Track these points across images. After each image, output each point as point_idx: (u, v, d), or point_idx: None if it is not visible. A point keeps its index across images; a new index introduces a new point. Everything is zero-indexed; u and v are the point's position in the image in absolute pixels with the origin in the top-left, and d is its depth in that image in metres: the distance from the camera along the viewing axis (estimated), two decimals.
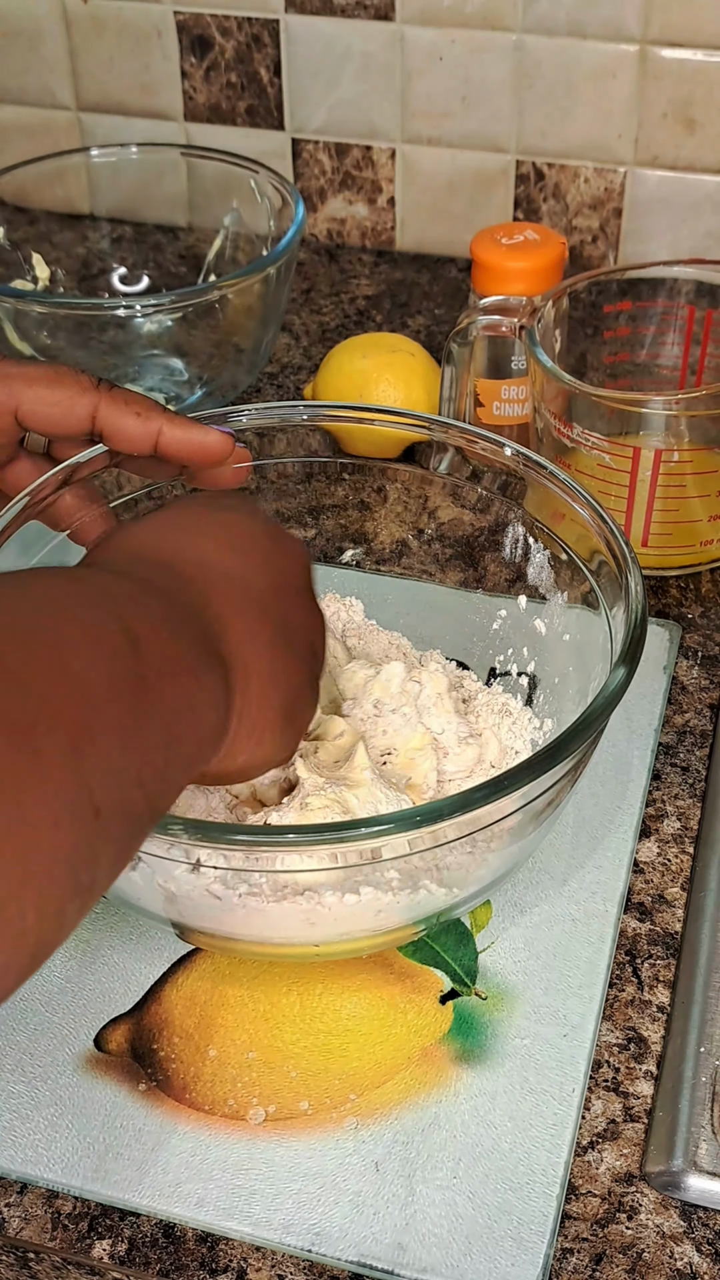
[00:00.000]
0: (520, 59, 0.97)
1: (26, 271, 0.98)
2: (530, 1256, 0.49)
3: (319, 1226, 0.50)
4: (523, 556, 0.65)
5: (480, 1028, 0.56)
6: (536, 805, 0.51)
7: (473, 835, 0.50)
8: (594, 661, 0.58)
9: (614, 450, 0.73)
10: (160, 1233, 0.51)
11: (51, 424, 0.57)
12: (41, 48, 1.08)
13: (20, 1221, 0.51)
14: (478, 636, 0.67)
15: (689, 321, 0.81)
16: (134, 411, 0.57)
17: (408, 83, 1.01)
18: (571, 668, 0.61)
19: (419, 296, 1.04)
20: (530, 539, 0.64)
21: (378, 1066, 0.55)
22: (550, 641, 0.63)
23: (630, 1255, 0.50)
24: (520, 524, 0.65)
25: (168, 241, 1.05)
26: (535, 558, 0.64)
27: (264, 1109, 0.54)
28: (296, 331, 1.00)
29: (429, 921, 0.55)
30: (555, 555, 0.63)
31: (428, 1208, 0.51)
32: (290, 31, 1.01)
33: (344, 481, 0.69)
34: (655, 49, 0.94)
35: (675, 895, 0.61)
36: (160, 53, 1.05)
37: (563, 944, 0.59)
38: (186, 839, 0.47)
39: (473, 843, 0.51)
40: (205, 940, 0.56)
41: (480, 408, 0.83)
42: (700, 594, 0.76)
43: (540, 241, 0.83)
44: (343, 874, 0.51)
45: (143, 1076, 0.55)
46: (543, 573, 0.64)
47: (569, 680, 0.61)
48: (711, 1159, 0.51)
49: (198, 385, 0.92)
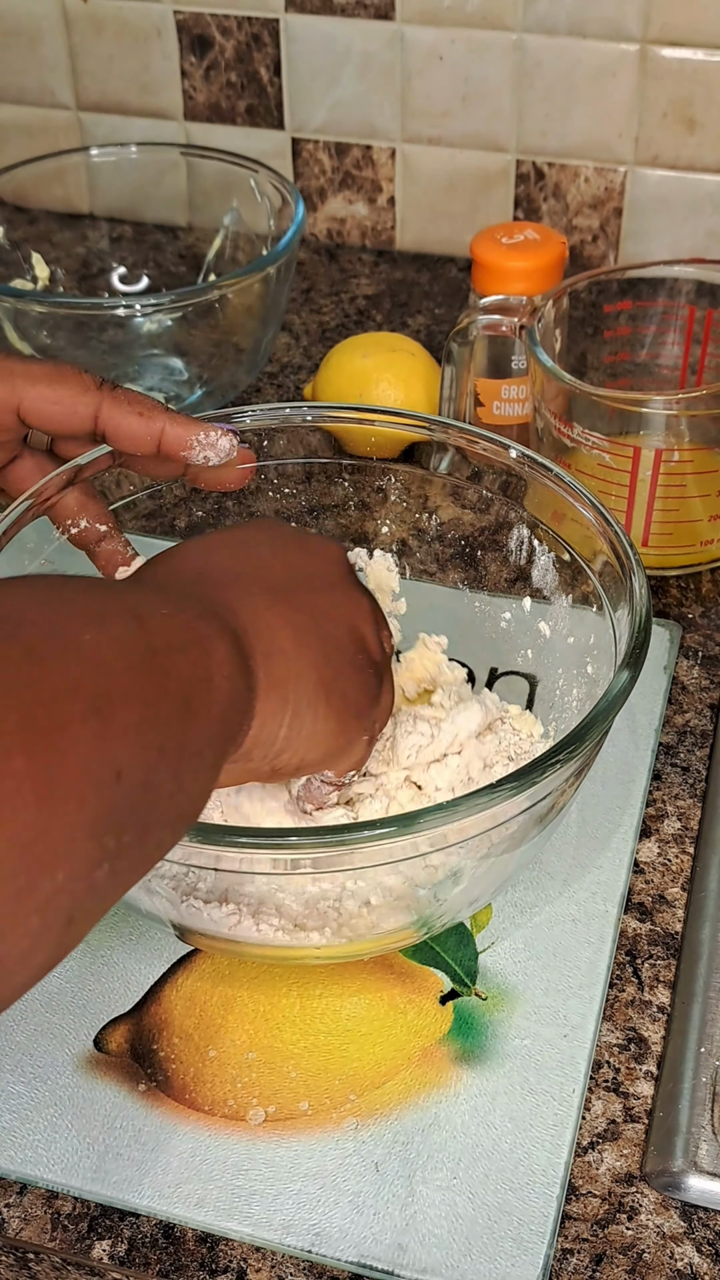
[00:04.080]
0: (520, 58, 0.97)
1: (26, 271, 0.98)
2: (530, 1257, 0.49)
3: (319, 1227, 0.50)
4: (526, 559, 0.65)
5: (480, 1028, 0.56)
6: (540, 809, 0.51)
7: (475, 839, 0.50)
8: (597, 663, 0.58)
9: (614, 450, 0.72)
10: (160, 1233, 0.51)
11: (54, 422, 0.57)
12: (41, 47, 1.08)
13: (20, 1222, 0.51)
14: (478, 637, 0.67)
15: (689, 321, 0.81)
16: (137, 411, 0.57)
17: (408, 82, 1.01)
18: (574, 669, 0.61)
19: (419, 296, 1.04)
20: (534, 540, 0.64)
21: (378, 1067, 0.55)
22: (554, 643, 0.63)
23: (630, 1256, 0.50)
24: (523, 525, 0.65)
25: (167, 241, 1.05)
26: (540, 560, 0.64)
27: (264, 1109, 0.54)
28: (296, 331, 1.00)
29: (431, 926, 0.55)
30: (558, 556, 0.63)
31: (428, 1208, 0.51)
32: (290, 31, 1.01)
33: (344, 481, 0.69)
34: (655, 48, 0.94)
35: (676, 895, 0.61)
36: (160, 52, 1.05)
37: (563, 944, 0.59)
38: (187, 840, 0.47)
39: (476, 846, 0.51)
40: (205, 942, 0.56)
41: (480, 407, 0.83)
42: (701, 594, 0.76)
43: (540, 241, 0.83)
44: (344, 876, 0.51)
45: (143, 1077, 0.55)
46: (547, 575, 0.64)
47: (571, 682, 0.61)
48: (712, 1159, 0.51)
49: (197, 385, 0.92)
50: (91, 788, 0.34)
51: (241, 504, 0.69)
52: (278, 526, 0.57)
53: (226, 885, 0.52)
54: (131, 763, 0.35)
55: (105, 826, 0.34)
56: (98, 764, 0.34)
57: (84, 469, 0.60)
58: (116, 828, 0.35)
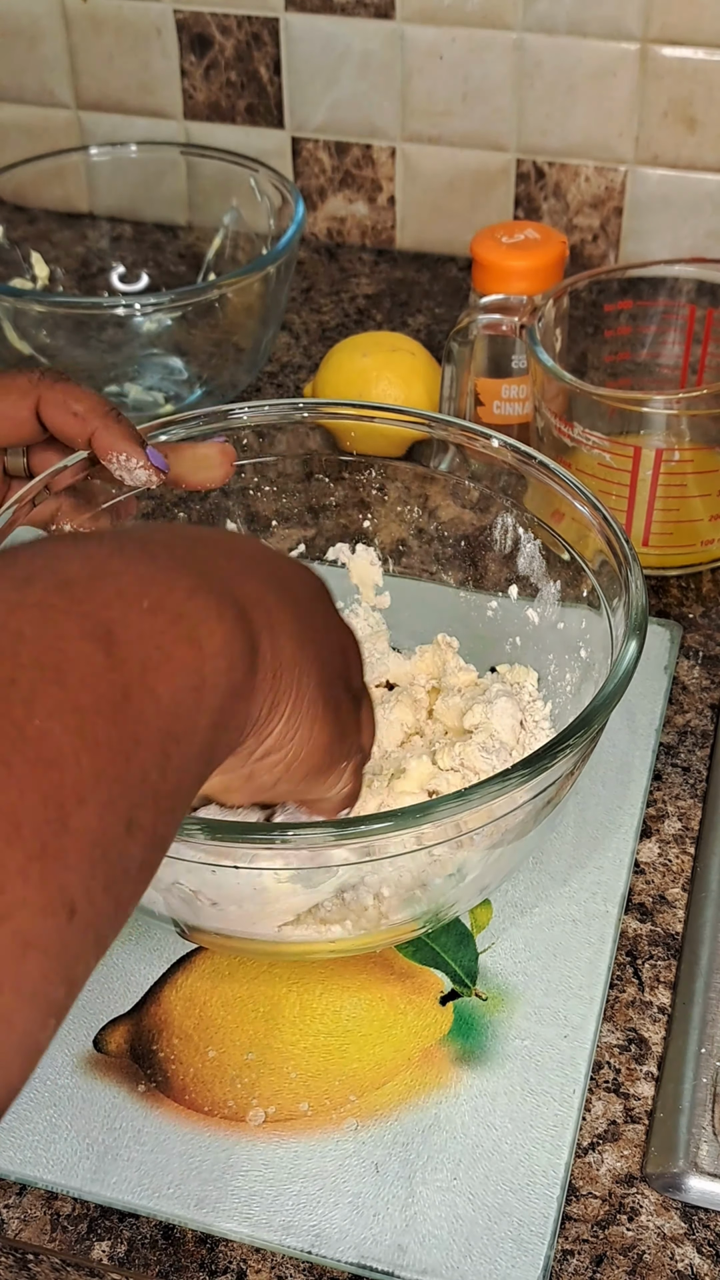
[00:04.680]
0: (521, 57, 0.97)
1: (26, 270, 0.98)
2: (530, 1258, 0.49)
3: (319, 1228, 0.50)
4: (517, 551, 0.65)
5: (480, 1029, 0.56)
6: (536, 802, 0.51)
7: (474, 832, 0.50)
8: (595, 659, 0.58)
9: (615, 450, 0.72)
10: (160, 1234, 0.51)
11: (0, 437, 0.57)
12: (41, 46, 1.07)
13: (19, 1223, 0.51)
14: (479, 635, 0.67)
15: (689, 320, 0.81)
16: (72, 411, 0.56)
17: (408, 81, 1.01)
18: (572, 665, 0.61)
19: (419, 295, 1.03)
20: (531, 538, 0.64)
21: (377, 1067, 0.55)
22: (546, 635, 0.63)
23: (631, 1257, 0.49)
24: (522, 524, 0.65)
25: (167, 240, 1.05)
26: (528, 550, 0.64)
27: (263, 1110, 0.54)
28: (296, 330, 1.00)
29: (430, 919, 0.55)
30: (557, 555, 0.63)
31: (428, 1209, 0.51)
32: (290, 30, 1.01)
33: (344, 480, 0.69)
34: (656, 48, 0.94)
35: (676, 896, 0.61)
36: (160, 51, 1.05)
37: (563, 945, 0.59)
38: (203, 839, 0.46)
39: (473, 839, 0.51)
40: (207, 939, 0.56)
41: (480, 407, 0.83)
42: (701, 594, 0.76)
43: (541, 240, 0.82)
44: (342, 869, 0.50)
45: (142, 1077, 0.55)
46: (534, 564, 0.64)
47: (569, 679, 0.61)
48: (712, 1160, 0.51)
49: (197, 384, 0.92)
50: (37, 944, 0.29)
51: (239, 503, 0.69)
52: (258, 540, 0.55)
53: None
54: (87, 887, 0.30)
55: (52, 981, 0.29)
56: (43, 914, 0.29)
57: (59, 476, 0.59)
58: (67, 974, 0.30)
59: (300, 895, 0.51)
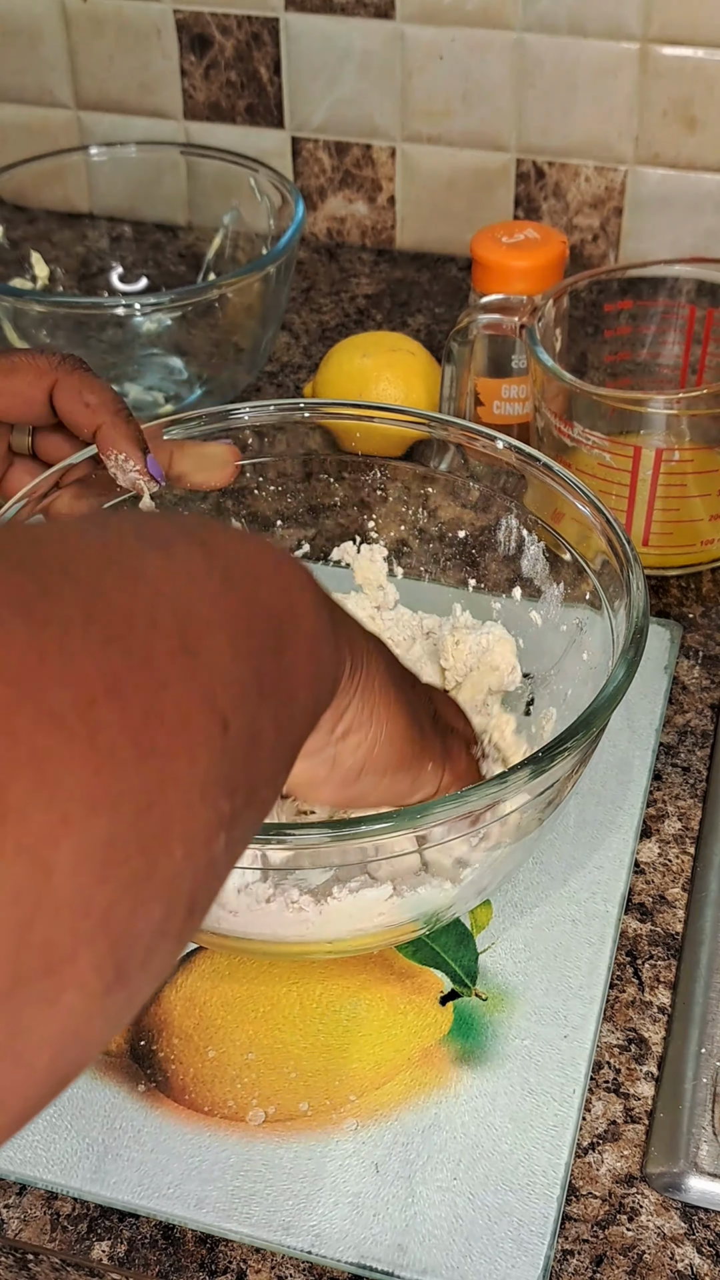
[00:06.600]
0: (521, 57, 0.97)
1: (26, 270, 0.98)
2: (530, 1258, 0.49)
3: (319, 1228, 0.50)
4: (519, 552, 0.65)
5: (480, 1029, 0.56)
6: (537, 803, 0.51)
7: (473, 833, 0.50)
8: (596, 660, 0.58)
9: (615, 449, 0.72)
10: (160, 1234, 0.51)
11: (11, 414, 0.57)
12: (40, 46, 1.07)
13: (19, 1223, 0.51)
14: None
15: (690, 320, 0.81)
16: (84, 401, 0.57)
17: (408, 81, 1.00)
18: (574, 666, 0.61)
19: (419, 295, 1.03)
20: (533, 537, 0.64)
21: (377, 1067, 0.55)
22: (547, 636, 0.63)
23: (631, 1257, 0.49)
24: (522, 523, 0.65)
25: (167, 240, 1.05)
26: (530, 551, 0.64)
27: (263, 1110, 0.54)
28: (296, 330, 1.00)
29: (429, 920, 0.55)
30: (558, 554, 0.63)
31: (428, 1209, 0.51)
32: (290, 29, 1.01)
33: (344, 480, 0.69)
34: (656, 47, 0.94)
35: (676, 896, 0.61)
36: (160, 51, 1.05)
37: (563, 945, 0.59)
38: None
39: (473, 840, 0.51)
40: (206, 939, 0.56)
41: (480, 406, 0.83)
42: (701, 593, 0.76)
43: (541, 240, 0.82)
44: (343, 871, 0.50)
45: (142, 1077, 0.55)
46: (538, 565, 0.64)
47: (570, 680, 0.61)
48: (712, 1160, 0.51)
49: (197, 384, 0.92)
50: (200, 739, 0.28)
51: (240, 503, 0.69)
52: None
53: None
54: (235, 707, 0.30)
55: (219, 788, 0.29)
56: (200, 711, 0.28)
57: (73, 469, 0.60)
58: (229, 788, 0.29)
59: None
